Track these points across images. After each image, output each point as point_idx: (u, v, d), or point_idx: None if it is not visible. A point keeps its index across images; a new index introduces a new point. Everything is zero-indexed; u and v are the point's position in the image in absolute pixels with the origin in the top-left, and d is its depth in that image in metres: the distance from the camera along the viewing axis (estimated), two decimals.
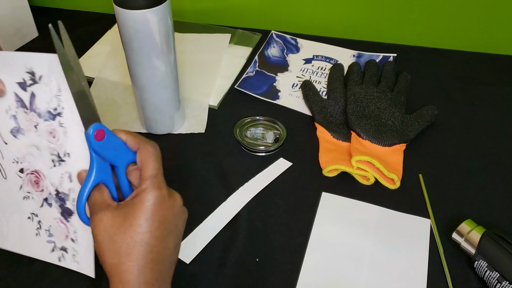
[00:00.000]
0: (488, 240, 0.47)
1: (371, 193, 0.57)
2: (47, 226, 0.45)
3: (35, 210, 0.46)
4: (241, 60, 0.80)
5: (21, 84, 0.42)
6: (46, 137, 0.43)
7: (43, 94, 0.41)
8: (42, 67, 0.41)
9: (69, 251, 0.45)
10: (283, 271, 0.49)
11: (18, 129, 0.44)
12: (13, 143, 0.45)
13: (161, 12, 0.53)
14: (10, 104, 0.43)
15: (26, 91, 0.42)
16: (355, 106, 0.66)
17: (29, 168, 0.45)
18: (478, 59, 0.80)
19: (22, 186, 0.46)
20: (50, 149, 0.43)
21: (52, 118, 0.42)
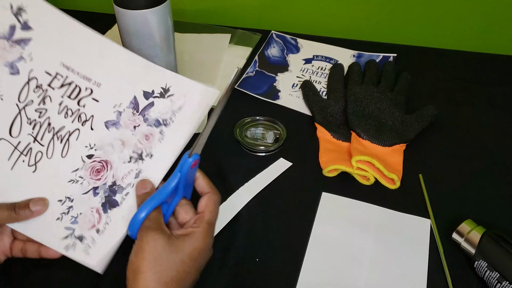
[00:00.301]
0: (488, 240, 0.47)
1: (371, 193, 0.57)
2: (76, 213, 0.46)
3: (74, 195, 0.46)
4: (241, 60, 0.80)
5: (146, 93, 0.47)
6: (139, 137, 0.47)
7: (162, 106, 0.47)
8: (181, 90, 0.47)
9: (85, 241, 0.45)
10: (283, 271, 0.49)
11: (115, 123, 0.47)
12: (99, 132, 0.48)
13: (161, 12, 0.53)
14: (123, 102, 0.47)
15: (147, 99, 0.47)
16: (355, 106, 0.66)
17: (100, 157, 0.47)
18: (478, 59, 0.80)
19: (79, 169, 0.47)
20: (136, 147, 0.47)
21: (157, 125, 0.47)
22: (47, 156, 0.47)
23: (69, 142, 0.47)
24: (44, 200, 0.46)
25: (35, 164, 0.47)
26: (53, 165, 0.47)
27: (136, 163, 0.47)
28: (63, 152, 0.47)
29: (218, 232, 0.53)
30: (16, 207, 0.45)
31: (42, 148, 0.47)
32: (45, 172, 0.47)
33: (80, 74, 0.48)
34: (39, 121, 0.47)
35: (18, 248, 0.47)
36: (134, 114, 0.47)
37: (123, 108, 0.48)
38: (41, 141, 0.47)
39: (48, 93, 0.48)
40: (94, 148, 0.47)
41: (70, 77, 0.48)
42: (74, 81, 0.48)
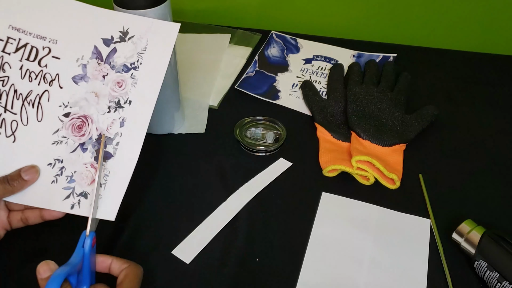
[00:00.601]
0: (488, 240, 0.47)
1: (371, 193, 0.57)
2: (70, 172, 0.46)
3: (61, 155, 0.46)
4: (241, 60, 0.80)
5: (106, 40, 0.47)
6: (111, 85, 0.46)
7: (125, 50, 0.46)
8: (139, 29, 0.46)
9: (90, 196, 0.45)
10: (283, 271, 0.49)
11: (82, 76, 0.47)
12: (69, 88, 0.47)
13: (161, 12, 0.53)
14: (84, 54, 0.47)
15: (108, 46, 0.47)
16: (355, 106, 0.66)
17: (78, 113, 0.47)
18: (478, 59, 0.80)
19: (59, 130, 0.46)
20: (111, 96, 0.46)
21: (126, 71, 0.46)
22: (23, 124, 0.47)
23: (41, 105, 0.47)
24: (35, 167, 0.46)
25: (13, 134, 0.46)
26: (31, 131, 0.47)
27: (116, 111, 0.46)
28: (38, 116, 0.47)
29: (218, 232, 0.53)
30: (9, 179, 0.44)
31: (15, 117, 0.47)
32: (25, 140, 0.46)
33: (33, 34, 0.47)
34: (4, 90, 0.46)
35: (17, 219, 0.47)
36: (99, 64, 0.47)
37: (86, 60, 0.47)
38: (12, 110, 0.47)
39: (4, 59, 0.47)
40: (69, 105, 0.47)
41: (23, 39, 0.47)
42: (29, 42, 0.47)
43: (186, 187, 0.58)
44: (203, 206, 0.56)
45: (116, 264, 0.43)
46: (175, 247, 0.51)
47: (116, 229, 0.53)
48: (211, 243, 0.52)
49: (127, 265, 0.42)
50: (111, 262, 0.43)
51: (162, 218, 0.55)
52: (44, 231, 0.52)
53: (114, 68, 0.47)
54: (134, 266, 0.42)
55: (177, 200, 0.57)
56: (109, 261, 0.43)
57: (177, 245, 0.52)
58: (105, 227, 0.53)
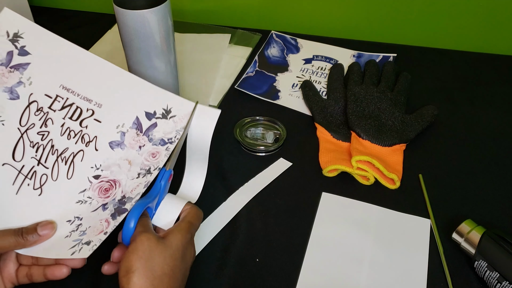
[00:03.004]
0: (488, 240, 0.47)
1: (371, 193, 0.57)
2: (85, 227, 0.45)
3: (82, 214, 0.46)
4: (241, 60, 0.80)
5: (148, 114, 0.48)
6: (145, 156, 0.47)
7: (165, 127, 0.48)
8: (180, 110, 0.48)
9: (92, 243, 0.45)
10: (283, 271, 0.49)
11: (119, 143, 0.48)
12: (104, 152, 0.48)
13: (161, 12, 0.53)
14: (125, 123, 0.48)
15: (150, 120, 0.48)
16: (355, 106, 0.66)
17: (108, 177, 0.47)
18: (478, 59, 0.80)
19: (86, 190, 0.47)
20: (143, 165, 0.47)
21: (162, 144, 0.47)
22: (52, 179, 0.47)
23: (73, 164, 0.47)
24: (52, 223, 0.45)
25: (41, 187, 0.46)
26: (59, 187, 0.47)
27: (144, 177, 0.47)
28: (69, 173, 0.47)
29: (218, 232, 0.53)
30: (24, 232, 0.44)
31: (46, 171, 0.47)
32: (51, 194, 0.46)
33: (81, 96, 0.49)
34: (42, 144, 0.47)
35: (23, 274, 0.46)
36: (138, 134, 0.48)
37: (126, 128, 0.48)
38: (45, 164, 0.47)
39: (49, 115, 0.48)
40: (101, 168, 0.47)
41: (70, 98, 0.49)
42: (75, 102, 0.49)
43: None
44: (203, 206, 0.56)
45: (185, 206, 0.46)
46: None
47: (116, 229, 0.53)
48: (211, 243, 0.52)
49: (190, 206, 0.46)
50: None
51: None
52: None
53: (151, 141, 0.48)
54: (196, 207, 0.46)
55: None
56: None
57: None
58: None
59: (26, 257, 0.46)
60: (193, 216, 0.45)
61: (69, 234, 0.45)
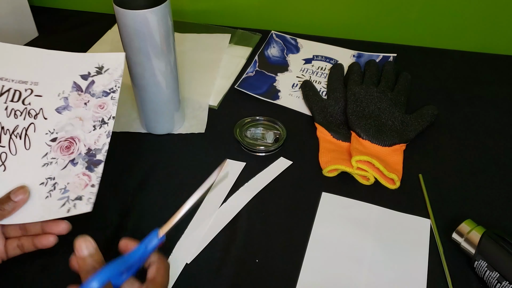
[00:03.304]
0: (488, 240, 0.47)
1: (371, 193, 0.57)
2: (63, 185, 0.48)
3: (53, 174, 0.48)
4: (241, 60, 0.80)
5: (84, 75, 0.52)
6: (93, 109, 0.50)
7: (103, 80, 0.51)
8: (112, 63, 0.52)
9: (85, 197, 0.47)
10: (283, 271, 0.49)
11: (65, 107, 0.51)
12: (53, 118, 0.51)
13: (161, 12, 0.53)
14: (65, 89, 0.52)
15: (86, 80, 0.51)
16: (355, 106, 0.66)
17: (65, 136, 0.50)
18: (478, 59, 0.80)
19: (47, 153, 0.49)
20: (94, 117, 0.50)
21: (106, 95, 0.51)
22: (12, 154, 0.49)
23: (28, 136, 0.50)
24: (24, 187, 0.47)
25: (3, 164, 0.49)
26: (20, 158, 0.49)
27: (102, 127, 0.50)
28: (26, 145, 0.50)
29: (218, 232, 0.53)
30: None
31: (4, 149, 0.50)
32: (15, 167, 0.49)
33: (15, 80, 0.52)
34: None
35: (14, 246, 0.47)
36: (80, 94, 0.51)
37: (67, 93, 0.51)
38: (1, 144, 0.50)
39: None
40: (55, 132, 0.50)
41: (6, 86, 0.52)
42: (12, 87, 0.52)
43: (186, 187, 0.58)
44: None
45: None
46: (175, 247, 0.51)
47: (116, 229, 0.53)
48: (211, 243, 0.52)
49: (157, 258, 0.41)
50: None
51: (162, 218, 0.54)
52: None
53: (94, 95, 0.51)
54: (164, 261, 0.41)
55: (177, 200, 0.57)
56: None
57: (177, 245, 0.52)
58: (105, 227, 0.53)
59: (14, 229, 0.48)
60: (163, 274, 0.40)
61: (49, 194, 0.47)
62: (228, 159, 0.48)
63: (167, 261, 0.42)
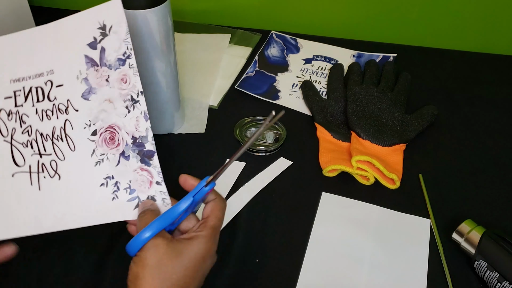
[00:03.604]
0: (488, 240, 0.47)
1: (371, 193, 0.57)
2: (126, 184, 0.45)
3: (110, 172, 0.45)
4: (241, 60, 0.80)
5: (92, 44, 0.46)
6: (117, 85, 0.46)
7: (112, 44, 0.46)
8: (112, 16, 0.45)
9: (158, 197, 0.44)
10: (283, 271, 0.49)
11: (89, 90, 0.46)
12: (84, 107, 0.46)
13: (161, 12, 0.53)
14: (81, 68, 0.47)
15: (96, 48, 0.46)
16: (355, 106, 0.66)
17: (103, 126, 0.46)
18: (478, 59, 0.80)
19: (95, 150, 0.46)
20: (123, 95, 0.45)
21: (123, 63, 0.46)
22: (60, 159, 0.46)
23: (68, 136, 0.47)
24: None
25: (56, 173, 0.46)
26: (70, 162, 0.46)
27: (135, 108, 0.45)
28: (70, 146, 0.47)
29: None
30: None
31: (51, 157, 0.47)
32: (68, 173, 0.46)
33: (31, 76, 0.48)
34: (32, 139, 0.47)
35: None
36: (97, 70, 0.46)
37: (84, 73, 0.47)
38: (46, 152, 0.47)
39: (20, 112, 0.48)
40: (91, 123, 0.46)
41: (26, 86, 0.48)
42: (32, 85, 0.48)
43: None
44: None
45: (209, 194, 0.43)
46: None
47: (116, 229, 0.53)
48: None
49: (214, 198, 0.42)
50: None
51: None
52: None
53: (110, 67, 0.46)
54: (220, 201, 0.42)
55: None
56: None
57: None
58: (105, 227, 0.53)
59: None
60: (217, 215, 0.42)
61: (114, 195, 0.45)
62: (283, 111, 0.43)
63: (224, 201, 0.43)
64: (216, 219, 0.41)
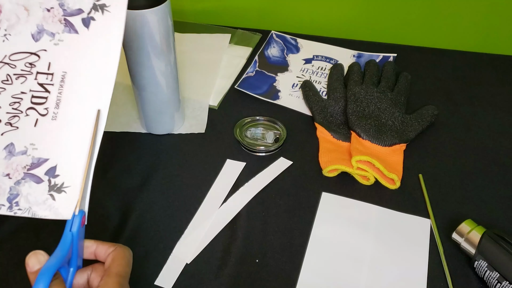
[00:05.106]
0: (488, 240, 0.47)
1: (371, 193, 0.57)
2: None
3: None
4: (241, 60, 0.80)
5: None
6: None
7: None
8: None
9: None
10: (283, 271, 0.49)
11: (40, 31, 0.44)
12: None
13: (161, 12, 0.53)
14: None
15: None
16: (355, 106, 0.66)
17: None
18: (478, 59, 0.80)
19: None
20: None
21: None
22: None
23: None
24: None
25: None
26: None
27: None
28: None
29: (218, 232, 0.53)
30: None
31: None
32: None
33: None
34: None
35: None
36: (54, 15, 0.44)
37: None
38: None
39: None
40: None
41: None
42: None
43: (186, 187, 0.58)
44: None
45: (102, 249, 0.41)
46: (175, 247, 0.51)
47: (116, 229, 0.53)
48: (211, 243, 0.52)
49: (113, 248, 0.40)
50: (96, 247, 0.41)
51: (162, 218, 0.55)
52: (44, 231, 0.52)
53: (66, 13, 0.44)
54: (121, 248, 0.40)
55: (177, 200, 0.57)
56: (94, 246, 0.41)
57: (177, 245, 0.52)
58: (105, 228, 0.53)
59: None
60: (119, 264, 0.39)
61: None
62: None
63: (127, 249, 0.41)
64: (120, 266, 0.39)
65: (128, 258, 0.40)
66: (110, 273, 0.38)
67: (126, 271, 0.39)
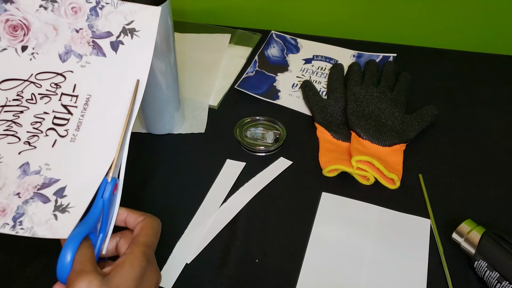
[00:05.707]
0: (488, 240, 0.47)
1: (371, 193, 0.57)
2: None
3: None
4: (241, 60, 0.80)
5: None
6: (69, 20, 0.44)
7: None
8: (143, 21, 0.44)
9: None
10: (283, 271, 0.49)
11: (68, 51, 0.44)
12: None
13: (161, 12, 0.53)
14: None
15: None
16: (355, 106, 0.66)
17: None
18: (478, 59, 0.80)
19: None
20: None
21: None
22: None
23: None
24: None
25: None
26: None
27: None
28: None
29: (218, 232, 0.53)
30: None
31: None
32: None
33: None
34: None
35: None
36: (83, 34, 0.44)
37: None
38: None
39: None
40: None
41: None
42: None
43: (186, 187, 0.58)
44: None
45: (132, 217, 0.41)
46: (175, 246, 0.51)
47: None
48: (211, 243, 0.52)
49: (143, 218, 0.41)
50: (126, 215, 0.41)
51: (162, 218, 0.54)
52: None
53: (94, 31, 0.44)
54: (150, 218, 0.41)
55: (177, 200, 0.57)
56: (125, 214, 0.41)
57: (177, 245, 0.52)
58: None
59: None
60: (147, 234, 0.40)
61: None
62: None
63: (156, 219, 0.41)
64: (147, 236, 0.39)
65: (157, 229, 0.41)
66: (137, 242, 0.39)
67: (153, 241, 0.40)
